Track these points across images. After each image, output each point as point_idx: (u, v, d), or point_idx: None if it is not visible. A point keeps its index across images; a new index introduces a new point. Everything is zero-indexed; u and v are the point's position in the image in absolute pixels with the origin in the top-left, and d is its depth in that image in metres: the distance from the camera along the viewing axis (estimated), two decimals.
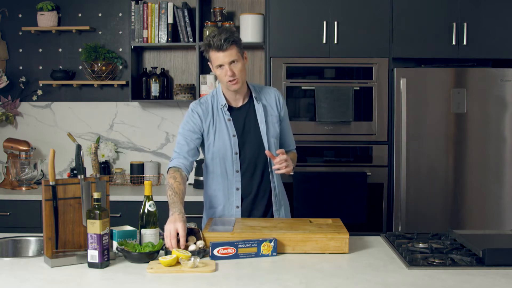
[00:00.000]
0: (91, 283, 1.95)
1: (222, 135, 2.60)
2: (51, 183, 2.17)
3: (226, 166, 2.62)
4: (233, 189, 2.64)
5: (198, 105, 2.64)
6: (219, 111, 2.63)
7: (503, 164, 3.68)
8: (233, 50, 2.50)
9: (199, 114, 2.61)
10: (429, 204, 3.67)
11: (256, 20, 3.93)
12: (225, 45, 2.47)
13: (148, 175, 4.12)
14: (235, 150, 2.60)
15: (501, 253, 2.09)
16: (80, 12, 4.20)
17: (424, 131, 3.66)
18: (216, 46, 2.48)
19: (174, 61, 4.23)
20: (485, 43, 3.71)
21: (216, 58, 2.51)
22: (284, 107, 2.73)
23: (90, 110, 4.24)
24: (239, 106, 2.65)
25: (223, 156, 2.61)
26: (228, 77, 2.51)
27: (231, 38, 2.48)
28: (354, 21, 3.70)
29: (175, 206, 2.33)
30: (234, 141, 2.60)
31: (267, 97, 2.69)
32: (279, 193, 2.71)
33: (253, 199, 2.66)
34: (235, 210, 2.65)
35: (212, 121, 2.61)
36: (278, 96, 2.72)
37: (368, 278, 1.96)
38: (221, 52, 2.48)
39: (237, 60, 2.51)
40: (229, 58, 2.49)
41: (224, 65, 2.50)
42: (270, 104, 2.68)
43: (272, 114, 2.67)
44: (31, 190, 3.88)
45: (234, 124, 2.62)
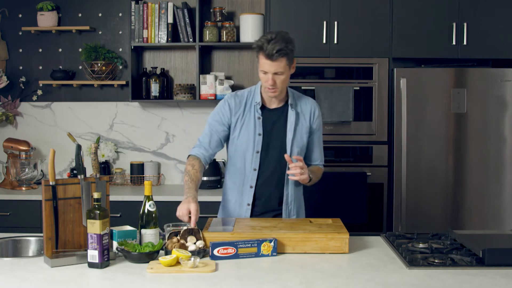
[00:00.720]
0: (91, 283, 1.95)
1: (248, 131, 2.61)
2: (51, 183, 2.17)
3: (245, 163, 2.63)
4: (247, 186, 2.64)
5: (233, 98, 2.65)
6: (251, 108, 2.63)
7: (503, 164, 3.68)
8: (282, 62, 2.47)
9: (231, 106, 2.63)
10: (429, 204, 3.67)
11: (256, 20, 3.93)
12: (275, 56, 2.44)
13: (148, 175, 4.12)
14: (257, 148, 2.61)
15: (501, 253, 2.09)
16: (80, 12, 4.20)
17: (424, 131, 3.66)
18: (267, 54, 2.45)
19: (174, 61, 4.23)
20: (485, 43, 3.71)
21: (263, 64, 2.49)
22: (318, 121, 2.70)
23: (90, 110, 4.24)
24: (273, 108, 2.65)
25: (244, 152, 2.62)
26: (268, 85, 2.51)
27: (284, 51, 2.44)
28: (354, 21, 3.70)
29: (190, 191, 2.42)
30: (258, 140, 2.61)
31: (303, 106, 2.67)
32: (292, 203, 2.69)
33: (265, 202, 2.66)
34: (245, 208, 2.66)
35: (242, 115, 2.62)
36: (315, 108, 2.69)
37: (368, 278, 1.96)
38: (269, 61, 2.46)
39: (282, 72, 2.49)
40: (275, 68, 2.47)
41: (268, 73, 2.49)
42: (304, 114, 2.66)
43: (303, 124, 2.65)
44: (31, 190, 3.88)
45: (263, 124, 2.62)
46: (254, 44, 2.52)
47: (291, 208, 2.69)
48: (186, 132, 4.23)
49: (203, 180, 3.93)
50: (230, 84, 4.03)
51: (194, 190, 2.45)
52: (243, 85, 4.19)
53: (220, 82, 3.98)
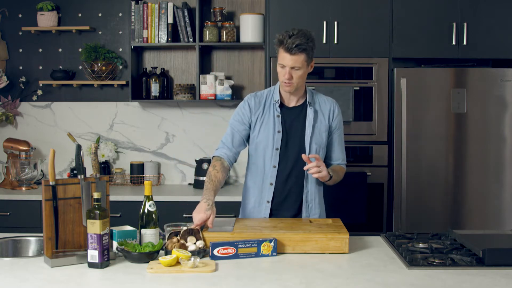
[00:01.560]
0: (91, 283, 1.95)
1: (267, 128, 2.64)
2: (51, 183, 2.17)
3: (265, 160, 2.66)
4: (267, 183, 2.66)
5: (253, 97, 2.70)
6: (271, 106, 2.67)
7: (503, 164, 3.68)
8: (300, 57, 2.50)
9: (250, 106, 2.68)
10: (429, 204, 3.67)
11: (256, 20, 3.93)
12: (294, 50, 2.48)
13: (148, 175, 4.12)
14: (277, 146, 2.63)
15: (501, 253, 2.09)
16: (80, 12, 4.20)
17: (424, 131, 3.66)
18: (287, 47, 2.49)
19: (174, 61, 4.23)
20: (485, 43, 3.71)
21: (282, 58, 2.53)
22: (337, 120, 2.71)
23: (90, 110, 4.24)
24: (292, 106, 2.68)
25: (264, 150, 2.65)
26: (284, 79, 2.55)
27: (303, 46, 2.48)
28: (354, 21, 3.70)
29: (206, 193, 2.46)
30: (278, 137, 2.63)
31: (322, 104, 2.70)
32: (312, 201, 2.70)
33: (284, 199, 2.68)
34: (265, 205, 2.67)
35: (261, 113, 2.66)
36: (334, 107, 2.71)
37: (368, 278, 1.96)
38: (288, 54, 2.50)
39: (300, 67, 2.53)
40: (293, 63, 2.51)
41: (286, 67, 2.53)
42: (323, 112, 2.69)
43: (322, 122, 2.67)
44: (31, 190, 3.88)
45: (282, 121, 2.65)
46: (275, 38, 2.57)
47: (312, 206, 2.70)
48: (186, 132, 4.23)
49: (200, 180, 3.94)
50: (230, 84, 4.03)
51: (211, 191, 2.47)
52: (243, 85, 4.19)
53: (220, 82, 3.98)
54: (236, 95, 4.15)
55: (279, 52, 2.55)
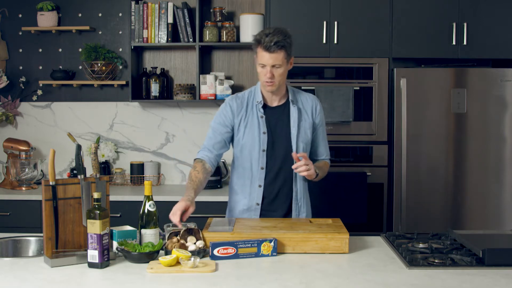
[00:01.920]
0: (91, 283, 1.95)
1: (252, 130, 2.63)
2: (51, 183, 2.17)
3: (252, 162, 2.65)
4: (256, 185, 2.65)
5: (234, 99, 2.68)
6: (253, 107, 2.66)
7: (503, 164, 3.67)
8: (280, 55, 2.50)
9: (232, 108, 2.65)
10: (429, 204, 3.67)
11: (256, 20, 3.93)
12: (273, 48, 2.48)
13: (148, 175, 4.12)
14: (263, 147, 2.63)
15: (501, 253, 2.09)
16: (80, 12, 4.20)
17: (424, 131, 3.66)
18: (265, 46, 2.49)
19: (174, 61, 4.23)
20: (485, 43, 3.71)
21: (261, 57, 2.53)
22: (320, 115, 2.72)
23: (90, 110, 4.24)
24: (274, 105, 2.68)
25: (250, 151, 2.64)
26: (266, 78, 2.54)
27: (282, 43, 2.49)
28: (354, 21, 3.70)
29: (187, 191, 2.46)
30: (263, 138, 2.62)
31: (304, 102, 2.70)
32: (301, 199, 2.70)
33: (273, 199, 2.67)
34: (255, 207, 2.66)
35: (244, 115, 2.65)
36: (316, 104, 2.72)
37: (368, 278, 1.96)
38: (267, 53, 2.50)
39: (280, 65, 2.53)
40: (273, 61, 2.51)
41: (267, 66, 2.52)
42: (306, 110, 2.69)
43: (306, 120, 2.68)
44: (31, 190, 3.88)
45: (266, 122, 2.64)
46: (254, 38, 2.57)
47: (301, 204, 2.70)
48: (186, 132, 4.23)
49: None
50: (230, 84, 4.03)
51: (191, 190, 2.46)
52: (243, 85, 4.19)
53: (220, 82, 3.98)
54: None
55: (257, 52, 2.54)
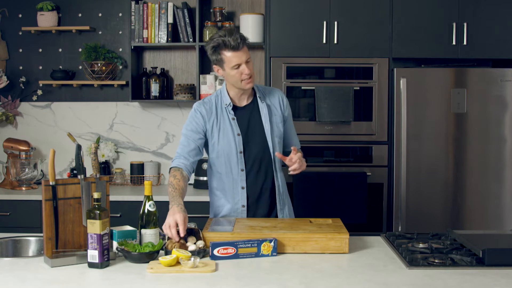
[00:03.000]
0: (91, 283, 1.95)
1: (226, 134, 2.61)
2: (51, 183, 2.17)
3: (231, 165, 2.63)
4: (238, 188, 2.64)
5: (202, 105, 2.64)
6: (223, 110, 2.63)
7: (503, 164, 3.68)
8: (245, 49, 2.52)
9: (202, 114, 2.62)
10: (429, 204, 3.67)
11: (256, 20, 3.93)
12: (241, 44, 2.49)
13: (148, 175, 4.12)
14: (240, 149, 2.61)
15: (501, 253, 2.09)
16: (80, 12, 4.20)
17: (424, 131, 3.66)
18: (233, 46, 2.47)
19: (174, 61, 4.23)
20: (485, 43, 3.71)
21: (232, 58, 2.50)
22: (287, 108, 2.75)
23: (90, 110, 4.24)
24: (243, 105, 2.67)
25: (228, 155, 2.62)
26: (245, 76, 2.53)
27: (243, 37, 2.51)
28: (354, 21, 3.70)
29: (174, 200, 2.35)
30: (239, 140, 2.61)
31: (271, 97, 2.71)
32: (283, 193, 2.72)
33: (257, 198, 2.67)
34: (241, 209, 2.65)
35: (216, 120, 2.62)
36: (282, 97, 2.74)
37: (368, 278, 1.96)
38: (238, 52, 2.49)
39: (249, 58, 2.54)
40: (246, 56, 2.51)
41: (242, 64, 2.51)
42: (274, 104, 2.70)
43: (276, 114, 2.68)
44: (31, 190, 3.88)
45: (239, 123, 2.63)
46: (211, 46, 2.52)
47: (284, 198, 2.72)
48: None
49: (200, 180, 3.94)
50: None
51: (178, 197, 2.38)
52: None
53: (220, 82, 3.98)
54: None
55: (225, 57, 2.50)
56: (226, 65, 2.53)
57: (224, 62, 2.52)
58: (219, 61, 2.54)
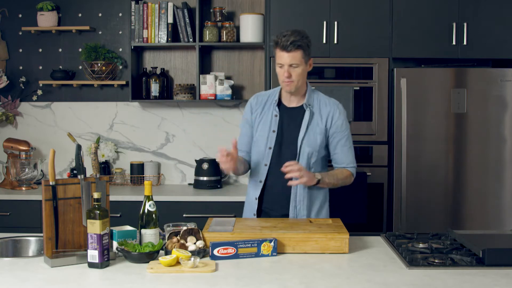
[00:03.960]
0: (91, 283, 1.95)
1: (264, 128, 2.70)
2: (51, 183, 2.17)
3: (259, 158, 2.71)
4: (258, 181, 2.70)
5: (255, 97, 2.80)
6: (271, 105, 2.72)
7: (503, 164, 3.67)
8: (297, 54, 2.54)
9: (252, 105, 2.77)
10: (429, 204, 3.67)
11: (256, 20, 3.93)
12: (290, 47, 2.53)
13: (148, 175, 4.12)
14: (270, 145, 2.68)
15: (501, 253, 2.09)
16: (80, 12, 4.20)
17: (424, 131, 3.66)
18: (282, 45, 2.54)
19: (174, 61, 4.23)
20: (485, 43, 3.71)
21: (279, 57, 2.58)
22: (338, 124, 2.68)
23: (90, 110, 4.24)
24: (291, 106, 2.71)
25: (258, 148, 2.71)
26: (284, 78, 2.58)
27: (298, 43, 2.53)
28: (354, 21, 3.70)
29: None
30: (272, 136, 2.67)
31: (322, 107, 2.69)
32: (301, 202, 2.68)
33: (275, 198, 2.70)
34: (253, 201, 2.72)
35: (260, 112, 2.73)
36: (334, 111, 2.69)
37: (368, 278, 1.96)
38: (284, 53, 2.55)
39: (298, 64, 2.56)
40: (290, 60, 2.55)
41: (285, 65, 2.56)
42: (321, 115, 2.68)
43: (318, 125, 2.67)
44: (31, 190, 3.88)
45: (280, 121, 2.68)
46: (272, 41, 2.65)
47: (300, 208, 2.68)
48: (186, 132, 4.23)
49: (203, 179, 3.94)
50: (230, 84, 4.03)
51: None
52: (243, 85, 4.19)
53: (220, 82, 3.98)
54: (236, 95, 4.15)
55: (276, 53, 2.59)
56: (276, 60, 2.62)
57: (276, 57, 2.61)
58: (275, 55, 2.62)
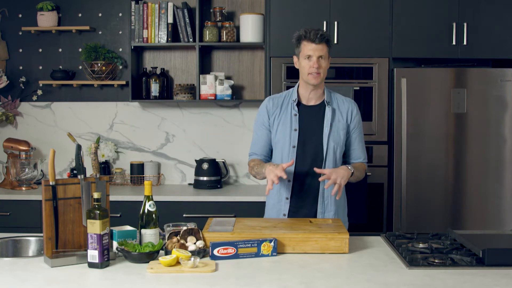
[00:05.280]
0: (91, 283, 1.95)
1: (285, 127, 2.72)
2: (51, 183, 2.17)
3: (283, 158, 2.72)
4: (285, 180, 2.70)
5: (271, 100, 2.81)
6: (288, 105, 2.75)
7: (503, 164, 3.67)
8: (324, 47, 2.63)
9: (268, 108, 2.79)
10: (429, 204, 3.67)
11: (256, 20, 3.93)
12: (319, 39, 2.61)
13: (148, 175, 4.12)
14: (293, 143, 2.69)
15: (501, 253, 2.09)
16: (80, 12, 4.20)
17: (424, 131, 3.66)
18: (311, 38, 2.61)
19: (174, 61, 4.23)
20: (485, 43, 3.71)
21: (307, 49, 2.63)
22: (356, 120, 2.77)
23: (90, 110, 4.24)
24: (310, 105, 2.74)
25: (282, 148, 2.72)
26: (313, 69, 2.62)
27: (325, 36, 2.63)
28: (354, 21, 3.70)
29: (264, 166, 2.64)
30: (294, 135, 2.70)
31: (340, 104, 2.76)
32: (328, 197, 2.72)
33: (303, 196, 2.72)
34: (284, 201, 2.72)
35: (279, 113, 2.74)
36: (353, 108, 2.78)
37: (368, 278, 1.96)
38: (313, 44, 2.62)
39: (325, 57, 2.64)
40: (319, 51, 2.62)
41: (313, 56, 2.61)
42: (341, 112, 2.74)
43: (340, 121, 2.73)
44: (31, 190, 3.88)
45: (300, 120, 2.71)
46: (296, 36, 2.69)
47: (328, 203, 2.72)
48: (186, 132, 4.23)
49: (203, 179, 3.94)
50: (230, 84, 4.03)
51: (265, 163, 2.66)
52: (243, 85, 4.19)
53: (220, 82, 3.98)
54: (236, 95, 4.15)
55: (302, 46, 2.65)
56: (301, 54, 2.67)
57: (300, 51, 2.67)
58: (298, 51, 2.67)
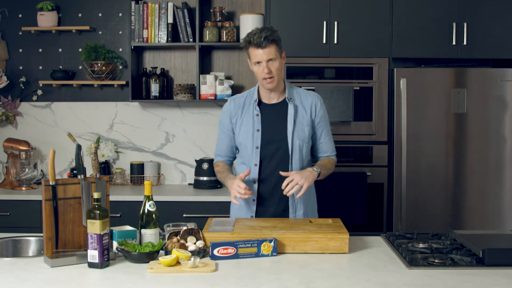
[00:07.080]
0: (91, 283, 1.95)
1: (247, 128, 2.69)
2: (51, 183, 2.17)
3: (247, 159, 2.70)
4: (251, 182, 2.68)
5: (232, 101, 2.78)
6: (250, 106, 2.72)
7: (503, 164, 3.68)
8: (272, 49, 2.58)
9: (230, 109, 2.77)
10: (429, 204, 3.67)
11: (256, 20, 3.93)
12: (264, 43, 2.56)
13: (148, 175, 4.12)
14: (256, 144, 2.67)
15: (501, 253, 2.09)
16: (80, 12, 4.20)
17: (424, 131, 3.66)
18: (256, 43, 2.57)
19: (174, 61, 4.23)
20: (485, 43, 3.71)
21: (255, 55, 2.59)
22: (321, 114, 2.74)
23: (90, 110, 4.24)
24: (272, 103, 2.72)
25: (245, 149, 2.70)
26: (264, 74, 2.60)
27: (271, 37, 2.57)
28: (354, 21, 3.70)
29: (227, 177, 2.68)
30: (257, 136, 2.67)
31: (303, 99, 2.73)
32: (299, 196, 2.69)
33: (269, 196, 2.70)
34: (251, 203, 2.70)
35: (240, 115, 2.72)
36: (316, 102, 2.74)
37: (368, 278, 1.96)
38: (260, 49, 2.57)
39: (275, 58, 2.60)
40: (267, 56, 2.58)
41: (262, 62, 2.58)
42: (304, 107, 2.71)
43: (303, 117, 2.70)
44: (31, 190, 3.88)
45: (262, 119, 2.69)
46: (242, 42, 2.66)
47: (298, 201, 2.70)
48: (186, 132, 4.23)
49: (203, 179, 3.94)
50: (230, 84, 4.03)
51: (228, 174, 2.70)
52: (243, 85, 4.19)
53: (220, 82, 3.98)
54: None
55: (250, 53, 2.62)
56: (251, 60, 2.65)
57: (250, 57, 2.64)
58: (248, 56, 2.66)
